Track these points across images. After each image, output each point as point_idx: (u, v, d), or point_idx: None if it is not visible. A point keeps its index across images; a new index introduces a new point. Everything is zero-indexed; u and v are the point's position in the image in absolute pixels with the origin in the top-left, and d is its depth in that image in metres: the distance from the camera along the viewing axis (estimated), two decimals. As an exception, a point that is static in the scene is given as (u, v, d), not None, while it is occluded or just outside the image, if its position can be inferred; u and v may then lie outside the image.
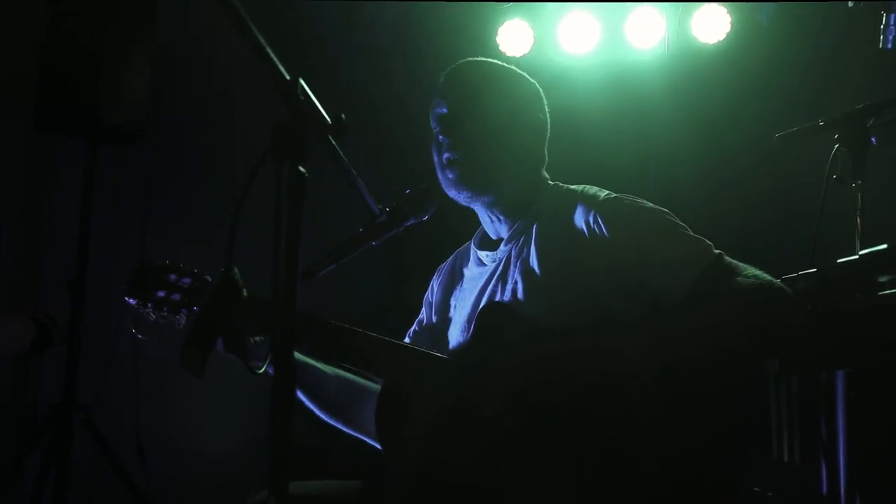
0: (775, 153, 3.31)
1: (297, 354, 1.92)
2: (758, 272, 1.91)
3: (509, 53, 4.00)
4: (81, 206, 3.36)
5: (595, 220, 2.01)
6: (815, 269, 2.00)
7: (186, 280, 1.98)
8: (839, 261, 1.98)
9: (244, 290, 1.55)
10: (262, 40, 1.26)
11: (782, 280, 1.94)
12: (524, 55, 4.01)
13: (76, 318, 3.32)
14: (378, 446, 2.09)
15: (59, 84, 3.27)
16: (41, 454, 3.19)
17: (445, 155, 2.09)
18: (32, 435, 3.25)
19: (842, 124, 2.22)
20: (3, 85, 3.50)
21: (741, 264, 1.94)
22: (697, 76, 3.89)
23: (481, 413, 1.89)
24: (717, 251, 1.96)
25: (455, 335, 2.15)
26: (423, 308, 2.33)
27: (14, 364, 3.62)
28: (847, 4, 2.88)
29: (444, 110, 2.11)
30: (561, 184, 2.19)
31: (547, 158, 2.22)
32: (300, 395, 2.09)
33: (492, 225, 2.20)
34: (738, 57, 3.80)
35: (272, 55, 1.27)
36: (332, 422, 2.15)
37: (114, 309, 3.49)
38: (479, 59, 2.21)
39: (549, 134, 2.21)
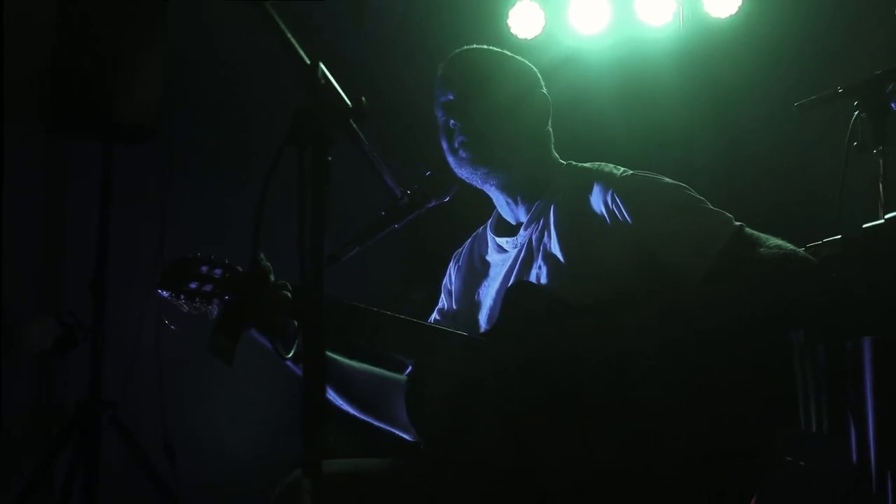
0: (794, 124, 3.30)
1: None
2: (780, 242, 1.92)
3: (520, 36, 3.98)
4: (100, 206, 3.39)
5: (613, 200, 2.01)
6: (839, 236, 1.99)
7: (218, 271, 2.00)
8: (864, 226, 1.97)
9: (272, 276, 1.56)
10: (283, 25, 1.26)
11: (806, 248, 1.94)
12: (535, 37, 3.99)
13: (99, 316, 3.35)
14: (408, 437, 2.11)
15: (71, 86, 3.29)
16: (69, 452, 3.22)
17: (459, 138, 2.11)
18: (60, 434, 3.29)
19: (861, 90, 2.20)
20: (17, 88, 3.52)
21: (763, 235, 1.94)
22: (711, 51, 3.87)
23: (510, 389, 1.90)
24: (738, 223, 1.96)
25: (483, 322, 2.16)
26: (443, 296, 2.34)
27: (39, 363, 3.65)
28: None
29: (451, 97, 2.13)
30: (574, 163, 2.20)
31: (553, 136, 2.23)
32: (329, 392, 2.10)
33: (508, 209, 2.20)
34: (752, 29, 3.77)
35: (293, 40, 1.28)
36: (362, 416, 2.16)
37: (135, 306, 3.54)
38: (475, 46, 2.23)
39: (552, 111, 2.23)
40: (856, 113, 2.21)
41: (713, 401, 1.82)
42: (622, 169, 2.09)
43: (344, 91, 1.44)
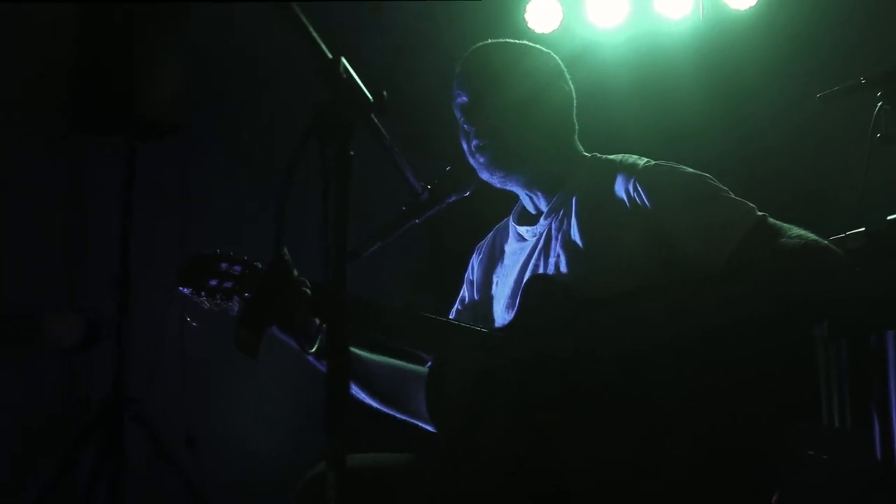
0: (814, 117, 3.28)
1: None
2: (802, 232, 1.89)
3: (538, 30, 3.98)
4: (122, 203, 3.42)
5: (635, 189, 2.01)
6: (863, 229, 1.97)
7: (237, 268, 2.01)
8: (888, 218, 1.96)
9: (294, 271, 1.57)
10: (305, 20, 1.27)
11: (830, 240, 1.92)
12: (552, 31, 3.99)
13: (122, 313, 3.38)
14: (432, 429, 2.11)
15: (93, 84, 3.32)
16: (94, 448, 3.25)
17: (474, 142, 2.10)
18: (84, 430, 3.32)
19: (884, 81, 2.18)
20: (40, 86, 3.55)
21: (785, 225, 1.92)
22: (730, 44, 3.84)
23: (527, 385, 1.90)
24: (760, 213, 1.94)
25: (499, 311, 2.16)
26: (465, 286, 2.34)
27: (64, 360, 3.68)
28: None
29: (465, 99, 2.12)
30: (599, 155, 2.19)
31: (577, 126, 2.21)
32: (352, 387, 2.11)
33: (530, 201, 2.20)
34: (772, 21, 3.74)
35: (315, 35, 1.28)
36: (385, 409, 2.17)
37: (159, 303, 3.56)
38: (493, 41, 2.20)
39: (575, 102, 2.21)
40: (879, 104, 2.20)
41: (732, 397, 1.80)
42: (645, 159, 2.08)
43: (364, 86, 1.44)
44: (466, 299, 2.31)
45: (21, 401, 3.57)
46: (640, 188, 2.00)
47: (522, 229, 2.20)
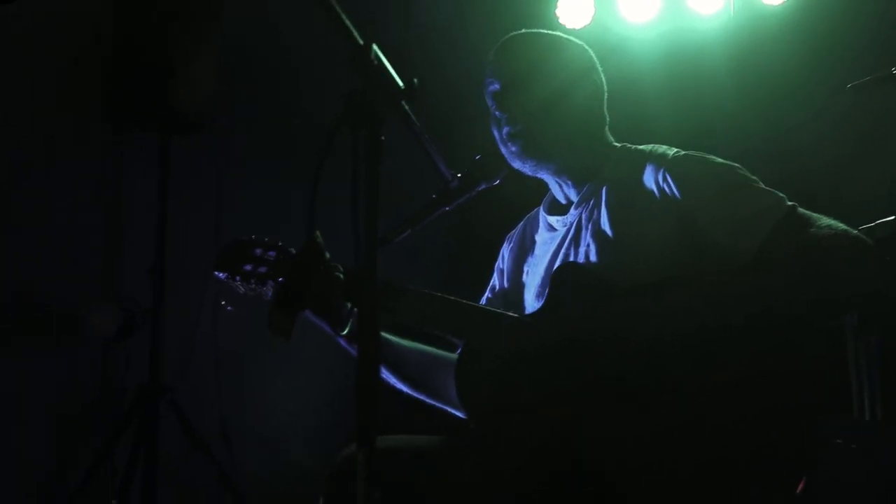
0: (847, 109, 3.26)
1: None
2: (832, 222, 1.89)
3: (569, 26, 3.98)
4: (158, 194, 3.48)
5: (665, 179, 2.02)
6: (892, 217, 1.97)
7: (272, 253, 2.06)
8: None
9: (327, 254, 1.60)
10: (337, 7, 1.30)
11: (859, 230, 1.92)
12: (584, 27, 3.99)
13: (158, 303, 3.43)
14: (461, 415, 2.14)
15: (128, 78, 3.38)
16: (130, 436, 3.31)
17: (505, 129, 2.12)
18: (121, 418, 3.38)
19: (916, 72, 2.18)
20: (75, 79, 3.61)
21: (815, 215, 1.92)
22: (763, 39, 3.82)
23: (555, 371, 1.92)
24: (790, 203, 1.94)
25: (530, 300, 2.18)
26: (495, 275, 2.36)
27: (102, 349, 3.75)
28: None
29: (498, 87, 2.14)
30: (629, 145, 2.20)
31: (608, 118, 2.22)
32: (383, 371, 2.14)
33: (560, 190, 2.22)
34: (806, 16, 3.72)
35: (347, 22, 1.31)
36: (415, 394, 2.20)
37: (193, 293, 3.62)
38: (526, 31, 2.22)
39: (606, 94, 2.22)
40: (912, 95, 2.19)
41: (756, 390, 1.80)
42: (675, 150, 2.09)
43: (395, 73, 1.47)
44: (497, 288, 2.33)
45: (59, 390, 3.63)
46: (669, 178, 2.01)
47: (553, 219, 2.22)
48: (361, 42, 1.36)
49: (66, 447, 3.66)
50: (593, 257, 2.05)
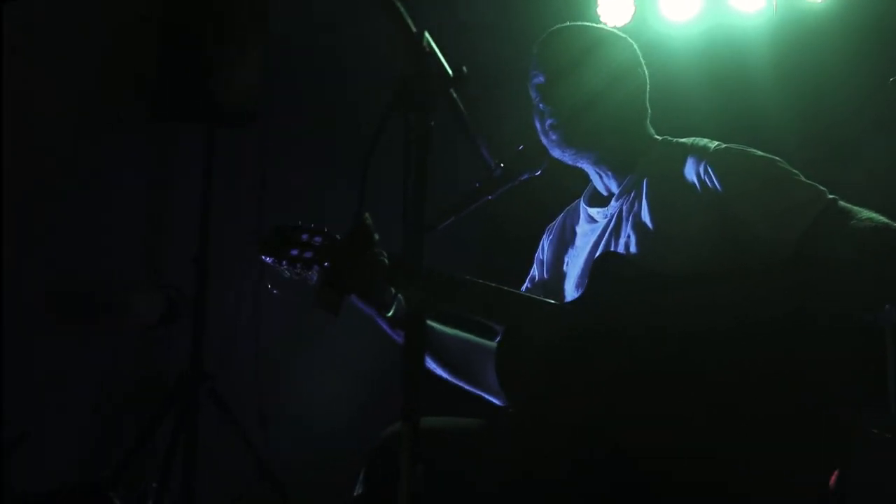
0: (892, 106, 3.23)
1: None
2: (873, 215, 1.90)
3: (610, 23, 3.99)
4: (202, 186, 3.55)
5: (706, 172, 2.03)
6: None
7: (318, 238, 2.10)
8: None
9: (376, 235, 1.64)
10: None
11: (900, 222, 1.92)
12: (625, 25, 4.00)
13: (201, 292, 3.51)
14: (498, 402, 2.17)
15: (175, 72, 3.45)
16: (171, 422, 3.38)
17: (548, 121, 2.15)
18: (162, 404, 3.46)
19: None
20: (123, 71, 3.69)
21: (856, 208, 1.93)
22: (806, 37, 3.80)
23: (595, 357, 1.95)
24: (831, 196, 1.95)
25: (570, 290, 2.20)
26: (535, 266, 2.39)
27: (144, 337, 3.83)
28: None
29: (542, 79, 2.16)
30: (670, 138, 2.22)
31: (650, 110, 2.24)
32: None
33: (601, 181, 2.24)
34: (847, 12, 3.69)
35: (402, 9, 1.35)
36: (454, 380, 2.23)
37: (236, 282, 3.69)
38: (570, 24, 2.25)
39: (648, 87, 2.24)
40: (954, 90, 2.18)
41: (795, 382, 1.82)
42: (716, 143, 2.11)
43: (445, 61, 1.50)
44: (536, 278, 2.36)
45: (102, 375, 3.72)
46: (710, 171, 2.03)
47: (593, 211, 2.24)
48: (415, 29, 1.40)
49: (108, 430, 3.74)
50: (633, 248, 2.07)
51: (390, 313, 1.97)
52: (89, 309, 3.69)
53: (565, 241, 2.32)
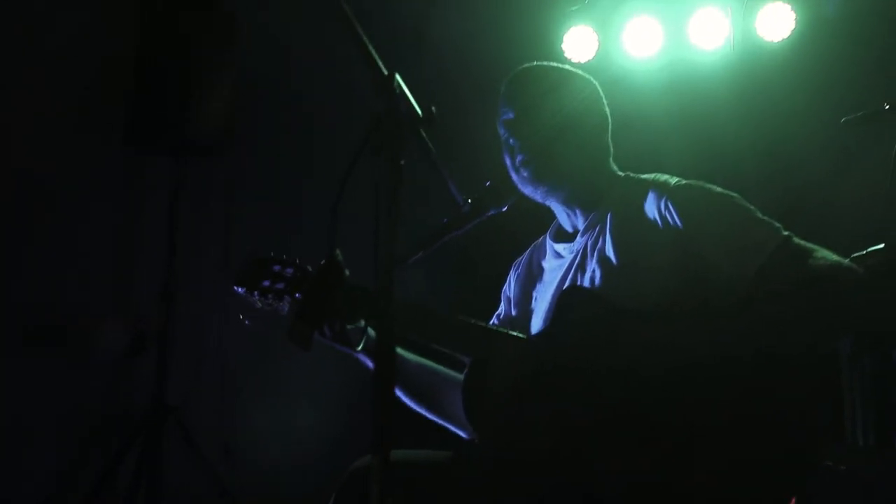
0: (843, 141, 3.34)
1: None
2: (827, 253, 1.95)
3: (574, 59, 4.07)
4: (170, 217, 3.56)
5: (666, 207, 2.08)
6: (882, 245, 2.04)
7: (289, 270, 2.13)
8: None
9: (346, 272, 1.67)
10: (365, 38, 1.38)
11: (851, 258, 1.97)
12: (588, 61, 4.08)
13: (167, 324, 3.50)
14: (460, 433, 2.19)
15: (148, 103, 3.47)
16: (135, 454, 3.36)
17: (518, 157, 2.19)
18: (127, 436, 3.43)
19: (907, 108, 2.26)
20: (97, 103, 3.70)
21: (811, 245, 1.97)
22: (763, 74, 3.92)
23: (560, 390, 1.97)
24: (786, 233, 2.00)
25: (537, 325, 2.23)
26: (502, 302, 2.42)
27: (108, 368, 3.80)
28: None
29: (511, 115, 2.21)
30: (632, 174, 2.27)
31: (612, 149, 2.31)
32: None
33: (567, 219, 2.28)
34: (804, 52, 3.82)
35: (373, 51, 1.39)
36: (417, 408, 2.25)
37: (201, 315, 3.68)
38: (538, 63, 2.30)
39: (611, 125, 2.30)
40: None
41: (758, 416, 1.85)
42: (676, 179, 2.16)
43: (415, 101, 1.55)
44: (503, 314, 2.40)
45: (68, 405, 3.68)
46: (671, 206, 2.07)
47: (559, 246, 2.29)
48: (386, 71, 1.44)
49: (74, 462, 3.70)
50: (598, 282, 2.11)
51: (360, 347, 2.00)
52: (55, 339, 3.66)
53: (533, 277, 2.35)
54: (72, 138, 3.65)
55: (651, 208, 2.11)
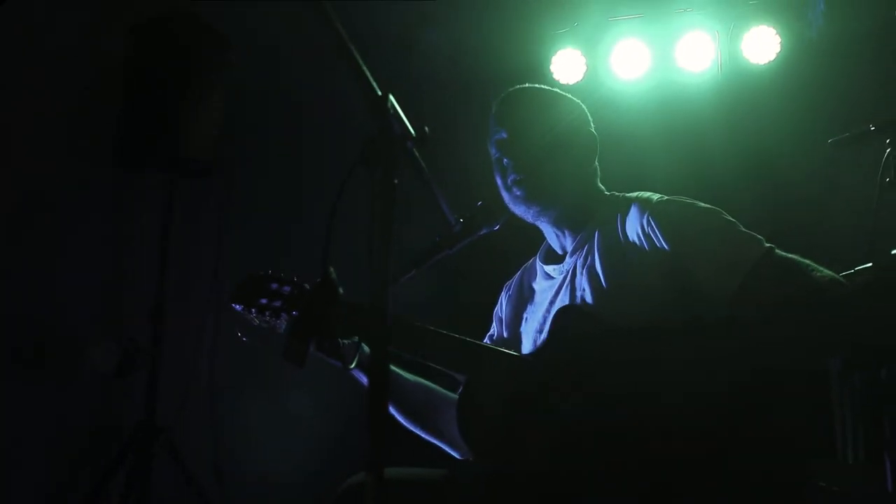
0: (830, 162, 3.38)
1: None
2: (809, 262, 1.97)
3: (563, 81, 4.10)
4: (161, 237, 3.55)
5: (649, 223, 2.10)
6: (870, 264, 2.06)
7: (287, 288, 2.15)
8: (893, 252, 2.04)
9: (341, 290, 1.68)
10: (359, 59, 1.39)
11: (840, 276, 2.00)
12: (577, 82, 4.11)
13: (157, 344, 3.49)
14: (454, 453, 2.20)
15: (137, 124, 3.48)
16: (124, 474, 3.34)
17: (511, 176, 2.22)
18: (115, 456, 3.41)
19: (893, 128, 2.29)
20: (87, 125, 3.71)
21: (795, 258, 2.00)
22: (749, 96, 3.96)
23: (554, 409, 1.98)
24: (768, 245, 2.01)
25: (528, 345, 2.25)
26: (493, 323, 2.44)
27: (98, 388, 3.79)
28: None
29: (504, 135, 2.24)
30: (618, 193, 2.30)
31: (599, 170, 2.33)
32: None
33: (557, 240, 2.31)
34: (790, 74, 3.87)
35: (367, 72, 1.41)
36: (411, 426, 2.26)
37: (191, 336, 3.68)
38: (529, 85, 2.34)
39: (598, 147, 2.33)
40: (888, 151, 2.30)
41: (750, 436, 1.87)
42: (659, 195, 2.19)
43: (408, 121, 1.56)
44: (495, 335, 2.42)
45: (57, 424, 3.67)
46: (653, 222, 2.10)
47: (549, 268, 2.31)
48: (380, 92, 1.45)
49: (60, 482, 3.68)
50: (589, 299, 2.13)
51: (353, 364, 2.00)
52: (44, 357, 3.65)
53: (524, 298, 2.37)
54: (64, 159, 3.65)
55: (635, 225, 2.13)
